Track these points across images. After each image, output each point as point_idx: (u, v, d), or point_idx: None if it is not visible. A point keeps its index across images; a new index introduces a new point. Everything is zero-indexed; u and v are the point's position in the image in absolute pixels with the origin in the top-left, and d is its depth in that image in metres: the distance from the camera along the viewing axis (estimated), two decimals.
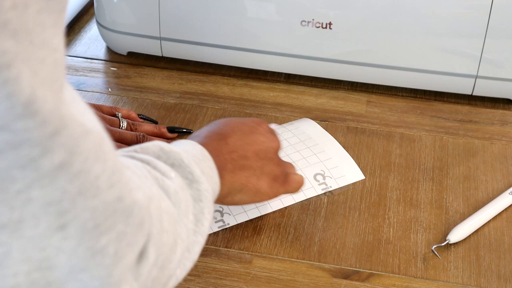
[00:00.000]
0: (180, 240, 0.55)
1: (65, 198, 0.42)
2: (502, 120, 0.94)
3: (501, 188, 0.82)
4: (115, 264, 0.45)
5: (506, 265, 0.74)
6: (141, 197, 0.48)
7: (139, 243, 0.47)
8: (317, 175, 0.82)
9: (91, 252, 0.44)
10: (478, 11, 0.90)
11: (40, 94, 0.39)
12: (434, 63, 0.94)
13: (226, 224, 0.77)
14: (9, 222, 0.41)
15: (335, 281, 0.71)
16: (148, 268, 0.49)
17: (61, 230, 0.42)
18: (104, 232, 0.44)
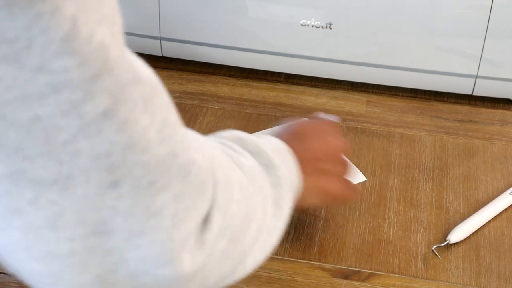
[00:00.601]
0: (254, 216, 0.52)
1: (114, 150, 0.39)
2: (502, 120, 0.94)
3: (501, 188, 0.82)
4: (174, 227, 0.43)
5: (506, 265, 0.74)
6: (200, 159, 0.45)
7: (201, 208, 0.45)
8: None
9: (148, 213, 0.41)
10: (478, 11, 0.90)
11: (83, 30, 0.37)
12: (434, 63, 0.94)
13: None
14: (59, 178, 0.39)
15: (335, 281, 0.71)
16: (213, 237, 0.46)
17: (114, 188, 0.40)
18: (159, 191, 0.42)
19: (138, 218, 0.41)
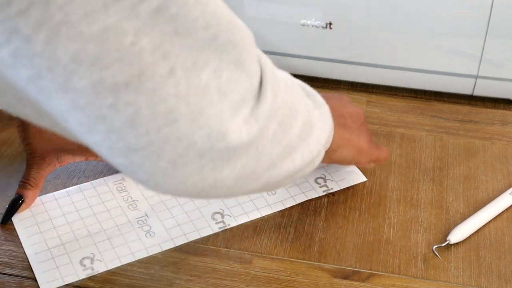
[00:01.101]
0: (300, 112, 0.57)
1: (165, 39, 0.44)
2: (503, 120, 0.94)
3: (501, 188, 0.82)
4: (221, 100, 0.48)
5: (506, 265, 0.74)
6: (238, 38, 0.50)
7: (245, 82, 0.50)
8: (318, 179, 0.82)
9: (200, 91, 0.47)
10: (478, 11, 0.90)
11: None
12: (434, 63, 0.94)
13: (227, 225, 0.76)
14: (132, 79, 0.44)
15: (335, 281, 0.71)
16: (266, 113, 0.52)
17: (171, 75, 0.45)
18: (202, 69, 0.47)
19: (194, 99, 0.46)
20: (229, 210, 0.78)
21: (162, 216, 0.77)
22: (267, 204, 0.79)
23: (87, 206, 0.79)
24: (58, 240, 0.74)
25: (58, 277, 0.70)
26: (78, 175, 0.83)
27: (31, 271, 0.71)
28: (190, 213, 0.77)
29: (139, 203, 0.79)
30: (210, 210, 0.78)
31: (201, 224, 0.76)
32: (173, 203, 0.78)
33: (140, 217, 0.77)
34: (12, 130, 0.89)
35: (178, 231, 0.76)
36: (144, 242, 0.74)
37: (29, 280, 0.71)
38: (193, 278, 0.71)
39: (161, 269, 0.72)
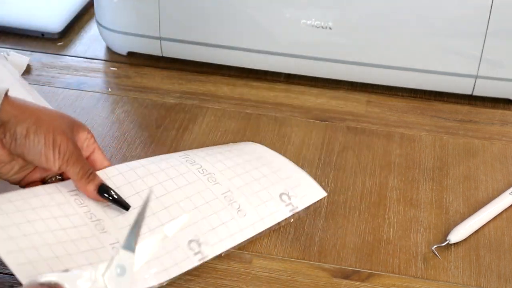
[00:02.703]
0: None
1: None
2: (502, 120, 0.94)
3: (501, 188, 0.82)
4: None
5: (506, 265, 0.74)
6: None
7: None
8: (283, 195, 0.76)
9: None
10: (478, 11, 0.90)
11: None
12: (434, 63, 0.94)
13: (205, 257, 0.70)
14: None
15: (335, 281, 0.71)
16: None
17: None
18: None
19: None
20: (204, 237, 0.71)
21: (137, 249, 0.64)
22: (239, 229, 0.73)
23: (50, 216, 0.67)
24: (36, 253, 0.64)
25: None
26: None
27: None
28: (166, 242, 0.69)
29: (106, 224, 0.69)
30: (186, 238, 0.70)
31: (180, 256, 0.69)
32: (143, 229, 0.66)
33: (113, 243, 0.67)
34: None
35: (160, 267, 0.67)
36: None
37: None
38: (193, 278, 0.71)
39: None
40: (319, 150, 0.88)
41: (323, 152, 0.88)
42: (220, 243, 0.71)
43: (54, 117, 0.69)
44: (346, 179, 0.84)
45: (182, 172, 0.75)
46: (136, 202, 0.70)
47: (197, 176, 0.75)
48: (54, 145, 0.66)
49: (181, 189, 0.73)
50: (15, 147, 0.66)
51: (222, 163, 0.78)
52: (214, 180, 0.75)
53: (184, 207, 0.72)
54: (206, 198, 0.73)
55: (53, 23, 1.08)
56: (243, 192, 0.75)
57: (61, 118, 0.69)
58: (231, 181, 0.76)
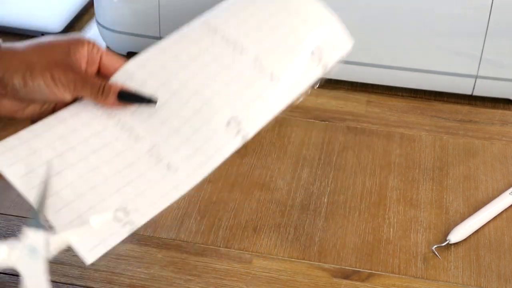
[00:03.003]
0: None
1: None
2: (502, 120, 0.94)
3: (501, 188, 0.82)
4: None
5: (506, 265, 0.74)
6: None
7: None
8: (313, 53, 0.70)
9: None
10: (478, 11, 0.90)
11: None
12: (434, 63, 0.94)
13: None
14: None
15: (335, 281, 0.71)
16: None
17: None
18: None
19: None
20: (242, 114, 0.65)
21: (174, 143, 0.64)
22: (276, 96, 0.67)
23: (81, 140, 0.63)
24: (73, 192, 0.60)
25: (98, 241, 0.58)
26: None
27: None
28: (203, 128, 0.64)
29: (139, 130, 0.65)
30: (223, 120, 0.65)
31: (220, 140, 0.64)
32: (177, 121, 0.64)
33: (150, 149, 0.63)
34: (12, 131, 0.89)
35: (202, 157, 0.63)
36: (170, 180, 0.62)
37: None
38: (193, 278, 0.71)
39: (161, 269, 0.72)
40: (319, 150, 0.88)
41: (323, 152, 0.88)
42: (260, 117, 0.66)
43: (45, 52, 0.66)
44: (346, 179, 0.84)
45: (205, 47, 0.68)
46: (164, 94, 0.65)
47: (221, 48, 0.68)
48: (55, 82, 0.64)
49: (208, 68, 0.67)
50: (21, 96, 0.65)
51: (246, 24, 0.70)
52: (240, 48, 0.68)
53: (215, 87, 0.66)
54: (235, 70, 0.67)
55: (53, 23, 1.08)
56: (273, 54, 0.68)
57: (52, 50, 0.66)
58: (259, 45, 0.69)
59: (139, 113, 0.65)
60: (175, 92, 0.65)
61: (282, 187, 0.82)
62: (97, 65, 0.68)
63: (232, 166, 0.85)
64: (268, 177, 0.84)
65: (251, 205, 0.80)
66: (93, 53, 0.67)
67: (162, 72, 0.67)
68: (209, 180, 0.83)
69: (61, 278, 0.71)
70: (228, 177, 0.83)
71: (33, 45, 0.66)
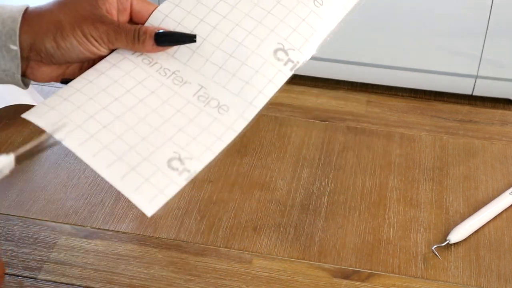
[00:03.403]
0: None
1: None
2: (502, 120, 0.94)
3: (501, 188, 0.82)
4: None
5: (506, 265, 0.74)
6: None
7: None
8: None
9: None
10: (478, 11, 0.90)
11: None
12: (434, 63, 0.94)
13: (295, 63, 0.63)
14: None
15: (335, 281, 0.71)
16: None
17: None
18: None
19: None
20: (288, 42, 0.63)
21: (221, 81, 0.62)
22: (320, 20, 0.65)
23: (124, 91, 0.61)
24: (123, 144, 0.58)
25: (156, 192, 0.56)
26: (78, 174, 0.83)
27: (31, 270, 0.71)
28: (250, 60, 0.62)
29: (183, 73, 0.62)
30: (270, 49, 0.62)
31: (269, 71, 0.62)
32: (222, 56, 0.62)
33: (197, 92, 0.61)
34: (12, 130, 0.89)
35: (252, 90, 0.61)
36: (222, 121, 0.60)
37: (29, 280, 0.71)
38: (193, 278, 0.71)
39: (161, 269, 0.72)
40: (319, 150, 0.88)
41: (323, 152, 0.88)
42: (307, 44, 0.63)
43: (72, 8, 0.63)
44: (346, 179, 0.84)
45: None
46: (204, 30, 0.63)
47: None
48: (87, 38, 0.61)
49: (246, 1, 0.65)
50: (57, 59, 0.63)
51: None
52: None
53: (256, 17, 0.63)
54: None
55: None
56: None
57: (79, 5, 0.63)
58: None
59: (180, 55, 0.63)
60: (215, 25, 0.63)
61: (282, 187, 0.82)
62: (129, 12, 0.65)
63: (232, 166, 0.85)
64: (268, 177, 0.84)
65: (251, 205, 0.80)
66: (122, 0, 0.64)
67: (198, 7, 0.64)
68: (209, 180, 0.83)
69: (61, 278, 0.71)
70: (228, 177, 0.83)
71: (59, 2, 0.63)
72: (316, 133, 0.91)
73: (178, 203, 0.80)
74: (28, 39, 0.61)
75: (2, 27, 0.60)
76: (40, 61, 0.62)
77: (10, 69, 0.61)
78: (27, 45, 0.61)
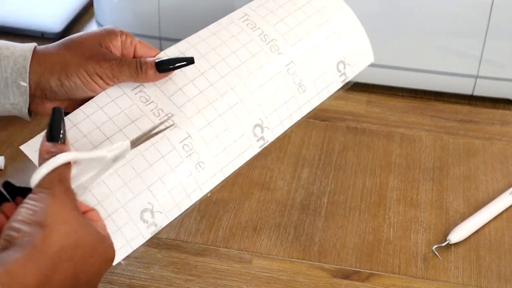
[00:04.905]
0: None
1: None
2: (502, 120, 0.94)
3: (501, 188, 0.82)
4: None
5: (506, 265, 0.74)
6: None
7: None
8: (339, 64, 0.74)
9: None
10: (478, 11, 0.90)
11: None
12: (434, 63, 0.94)
13: (266, 142, 0.68)
14: None
15: (335, 281, 0.71)
16: None
17: None
18: None
19: None
20: (267, 121, 0.68)
21: (207, 136, 0.64)
22: (298, 107, 0.71)
23: (117, 130, 0.63)
24: (105, 188, 0.59)
25: (124, 243, 0.59)
26: None
27: None
28: (232, 128, 0.66)
29: (175, 118, 0.64)
30: (251, 123, 0.67)
31: (244, 144, 0.66)
32: (212, 115, 0.65)
33: (184, 140, 0.63)
34: (12, 130, 0.89)
35: (225, 158, 0.65)
36: (196, 178, 0.63)
37: None
38: (193, 278, 0.71)
39: (161, 269, 0.72)
40: (319, 150, 0.88)
41: (323, 152, 0.88)
42: (280, 125, 0.69)
43: (77, 49, 0.65)
44: (346, 179, 0.84)
45: (244, 42, 0.70)
46: (202, 83, 0.66)
47: (260, 46, 0.70)
48: (92, 76, 0.64)
49: (245, 64, 0.68)
50: (61, 96, 0.65)
51: (284, 24, 0.72)
52: (276, 48, 0.70)
53: (249, 86, 0.67)
54: (269, 73, 0.69)
55: (53, 23, 1.08)
56: (305, 63, 0.71)
57: (84, 46, 0.66)
58: (294, 49, 0.71)
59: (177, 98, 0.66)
60: (213, 83, 0.66)
61: (282, 187, 0.82)
62: (132, 56, 0.68)
63: None
64: (268, 177, 0.84)
65: (251, 205, 0.80)
66: (127, 43, 0.68)
67: (201, 61, 0.68)
68: None
69: None
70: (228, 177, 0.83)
71: (64, 44, 0.66)
72: (316, 133, 0.91)
73: None
74: (35, 77, 0.64)
75: (13, 65, 0.63)
76: (45, 97, 0.65)
77: (18, 103, 0.65)
78: (34, 83, 0.64)
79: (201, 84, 0.66)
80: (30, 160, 0.86)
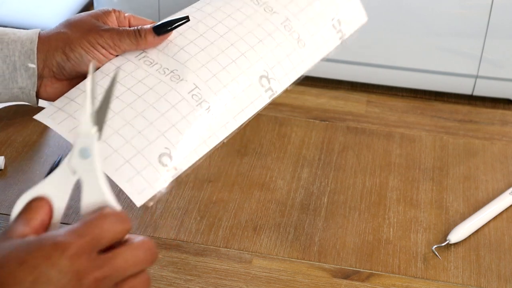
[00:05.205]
0: None
1: None
2: (502, 120, 0.94)
3: (501, 188, 0.82)
4: None
5: (506, 265, 0.74)
6: None
7: None
8: (334, 21, 0.76)
9: None
10: (478, 11, 0.90)
11: None
12: (434, 63, 0.94)
13: (274, 93, 0.70)
14: None
15: (335, 281, 0.71)
16: None
17: None
18: None
19: None
20: (272, 72, 0.70)
21: (214, 87, 0.66)
22: (301, 60, 0.73)
23: (125, 90, 0.65)
24: (120, 138, 0.61)
25: (146, 185, 0.59)
26: None
27: None
28: (238, 78, 0.67)
29: (180, 72, 0.67)
30: (256, 74, 0.69)
31: (252, 94, 0.68)
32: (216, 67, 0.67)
33: (192, 90, 0.65)
34: (12, 130, 0.89)
35: (236, 106, 0.67)
36: (210, 124, 0.65)
37: None
38: (193, 278, 0.71)
39: (161, 269, 0.72)
40: (319, 150, 0.88)
41: (323, 152, 0.88)
42: (286, 77, 0.71)
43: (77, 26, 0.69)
44: (346, 179, 0.84)
45: (238, 7, 0.72)
46: (203, 42, 0.69)
47: (254, 9, 0.72)
48: (94, 46, 0.67)
49: (242, 24, 0.71)
50: (68, 71, 0.67)
51: None
52: (270, 9, 0.73)
53: (249, 42, 0.70)
54: (267, 30, 0.71)
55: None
56: (300, 20, 0.73)
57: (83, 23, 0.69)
58: (287, 8, 0.73)
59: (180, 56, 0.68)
60: (213, 41, 0.69)
61: (282, 187, 0.82)
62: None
63: (232, 166, 0.85)
64: (268, 177, 0.84)
65: (251, 205, 0.80)
66: (121, 18, 0.71)
67: (200, 25, 0.70)
68: (209, 180, 0.83)
69: None
70: (228, 177, 0.83)
71: (64, 24, 0.69)
72: (316, 133, 0.91)
73: (178, 203, 0.80)
74: (42, 56, 0.66)
75: (21, 48, 0.66)
76: (53, 76, 0.67)
77: (26, 86, 0.67)
78: (41, 63, 0.66)
79: (202, 43, 0.68)
80: (30, 160, 0.86)
